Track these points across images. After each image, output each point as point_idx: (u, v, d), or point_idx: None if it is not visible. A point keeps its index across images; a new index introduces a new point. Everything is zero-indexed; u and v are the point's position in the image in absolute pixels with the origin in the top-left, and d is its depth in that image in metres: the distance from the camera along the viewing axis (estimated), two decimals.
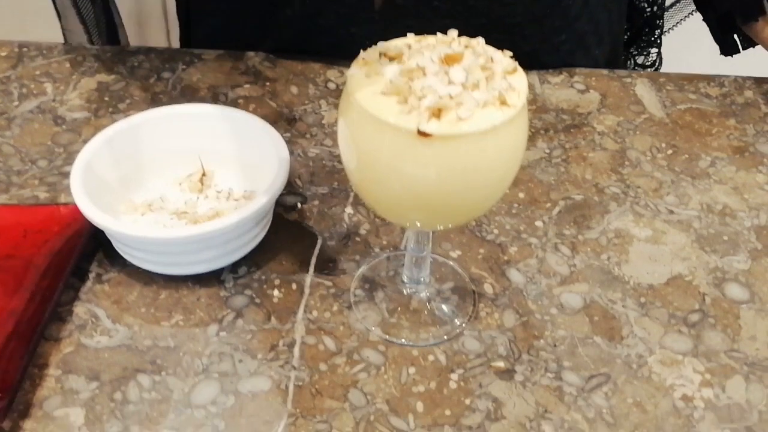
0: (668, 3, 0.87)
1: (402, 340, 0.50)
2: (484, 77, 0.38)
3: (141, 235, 0.48)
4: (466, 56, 0.39)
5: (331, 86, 0.70)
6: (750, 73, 0.75)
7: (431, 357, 0.49)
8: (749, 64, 0.78)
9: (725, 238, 0.58)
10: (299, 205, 0.58)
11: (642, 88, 0.72)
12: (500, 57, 0.40)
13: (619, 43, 0.83)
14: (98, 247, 0.54)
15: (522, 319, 0.51)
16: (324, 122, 0.66)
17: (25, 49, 0.72)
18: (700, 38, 0.82)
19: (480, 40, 0.41)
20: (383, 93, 0.38)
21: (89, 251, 0.54)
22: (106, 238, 0.53)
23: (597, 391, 0.47)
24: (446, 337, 0.50)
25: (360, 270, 0.54)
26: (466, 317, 0.51)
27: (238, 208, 0.50)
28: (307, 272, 0.54)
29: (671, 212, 0.60)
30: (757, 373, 0.49)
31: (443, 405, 0.46)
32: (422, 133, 0.37)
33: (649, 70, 0.86)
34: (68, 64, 0.71)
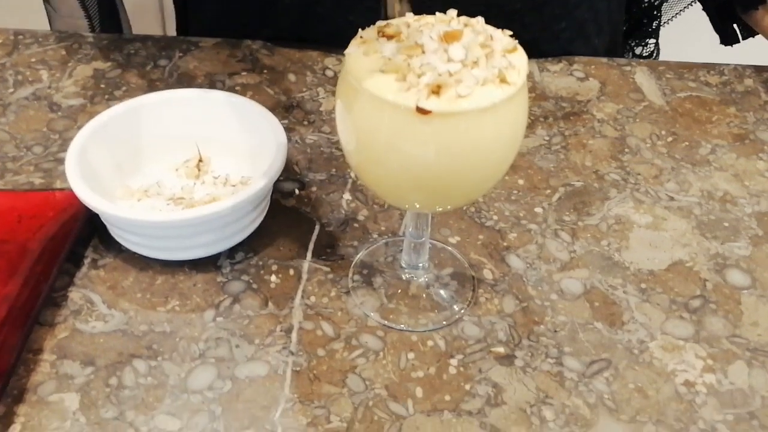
0: None
1: (401, 326, 0.49)
2: (484, 55, 0.38)
3: (136, 218, 0.48)
4: (466, 34, 0.38)
5: (329, 74, 0.70)
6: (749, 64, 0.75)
7: (430, 342, 0.48)
8: (748, 55, 0.78)
9: (726, 225, 0.57)
10: (297, 191, 0.58)
11: (641, 76, 0.72)
12: (500, 35, 0.40)
13: (619, 33, 0.83)
14: (93, 233, 0.53)
15: (522, 305, 0.51)
16: (322, 109, 0.66)
17: (21, 37, 0.72)
18: (698, 29, 0.82)
19: (479, 19, 0.40)
20: (382, 71, 0.38)
21: (84, 237, 0.53)
22: (102, 224, 0.53)
23: (598, 377, 0.47)
24: (445, 323, 0.49)
25: (358, 256, 0.53)
26: (466, 303, 0.51)
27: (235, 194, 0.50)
28: (305, 258, 0.53)
29: (671, 199, 0.59)
30: (760, 359, 0.48)
31: (443, 390, 0.46)
32: (421, 110, 0.36)
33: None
34: (64, 52, 0.70)
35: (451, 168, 0.39)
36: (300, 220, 0.56)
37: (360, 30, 0.41)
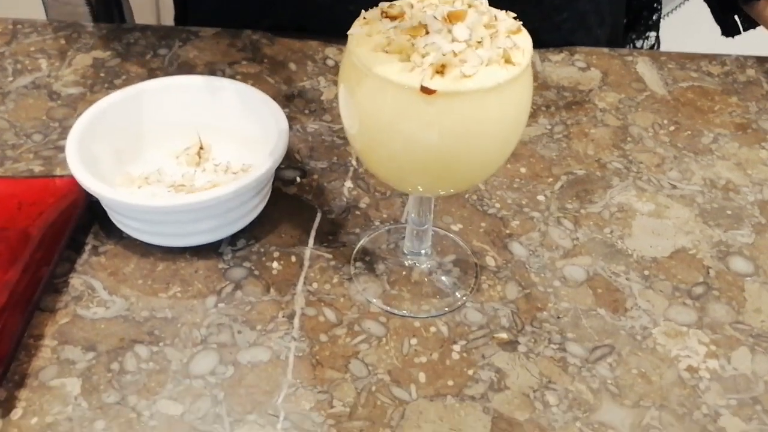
0: None
1: (403, 312, 0.49)
2: (488, 35, 0.37)
3: (138, 203, 0.47)
4: (470, 14, 0.38)
5: (330, 63, 0.69)
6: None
7: (433, 328, 0.48)
8: (749, 47, 0.77)
9: (729, 213, 0.57)
10: (298, 179, 0.58)
11: (643, 67, 0.72)
12: (504, 16, 0.40)
13: (620, 24, 0.83)
14: (94, 220, 0.53)
15: (525, 292, 0.51)
16: (323, 98, 0.65)
17: (20, 26, 0.72)
18: (698, 22, 0.82)
19: (483, 0, 0.40)
20: (386, 51, 0.38)
21: (85, 224, 0.53)
22: (102, 211, 0.52)
23: (601, 362, 0.47)
24: (447, 309, 0.49)
25: (360, 242, 0.53)
26: (468, 289, 0.51)
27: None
28: (307, 245, 0.53)
29: (674, 187, 0.59)
30: (763, 345, 0.48)
31: (446, 375, 0.46)
32: (425, 90, 0.36)
33: None
34: (63, 41, 0.70)
35: (455, 149, 0.39)
36: (301, 208, 0.56)
37: (363, 10, 0.40)
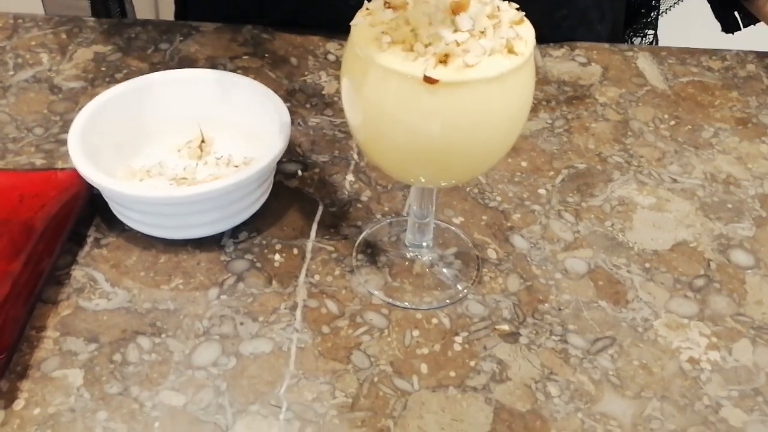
0: None
1: (405, 304, 0.49)
2: (491, 25, 0.37)
3: (140, 195, 0.47)
4: (473, 5, 0.38)
5: (331, 58, 0.69)
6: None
7: (435, 320, 0.48)
8: (747, 45, 0.77)
9: (729, 206, 0.57)
10: (300, 173, 0.58)
11: (644, 62, 0.72)
12: (506, 7, 0.40)
13: (620, 20, 0.83)
14: (96, 213, 0.53)
15: (526, 284, 0.51)
16: (324, 93, 0.65)
17: (20, 21, 0.72)
18: (696, 20, 0.82)
19: None
20: (389, 41, 0.38)
21: (87, 217, 0.53)
22: (104, 204, 0.52)
23: (603, 354, 0.47)
24: (449, 301, 0.49)
25: (362, 235, 0.53)
26: (470, 281, 0.51)
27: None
28: (309, 237, 0.53)
29: (675, 181, 0.59)
30: (764, 337, 0.48)
31: (448, 367, 0.46)
32: (429, 80, 0.36)
33: None
34: (64, 36, 0.70)
35: (458, 140, 0.39)
36: (303, 201, 0.56)
37: (366, 1, 0.40)
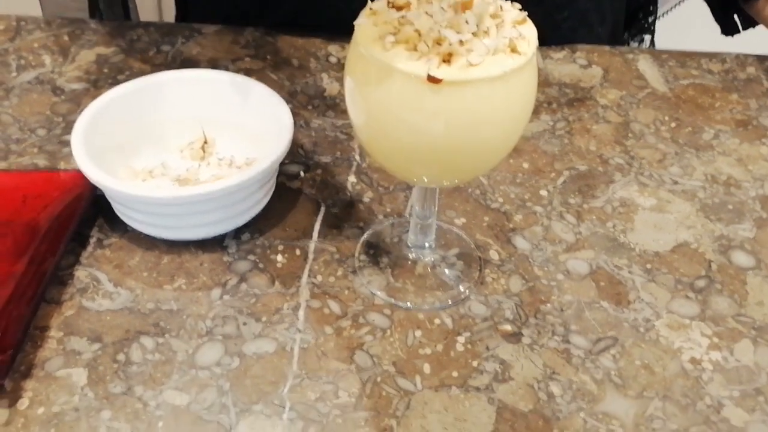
0: None
1: (407, 304, 0.49)
2: (495, 25, 0.38)
3: (144, 195, 0.48)
4: (476, 4, 0.38)
5: (333, 60, 0.70)
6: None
7: (437, 321, 0.48)
8: (746, 48, 0.78)
9: (730, 207, 0.58)
10: (302, 174, 0.58)
11: (644, 64, 0.72)
12: (509, 7, 0.40)
13: (620, 23, 0.83)
14: (99, 214, 0.53)
15: (528, 285, 0.51)
16: (326, 94, 0.66)
17: (23, 23, 0.72)
18: (692, 24, 0.82)
19: None
20: (392, 41, 0.38)
21: (90, 217, 0.53)
22: (107, 205, 0.52)
23: (605, 354, 0.47)
24: (451, 302, 0.49)
25: (364, 236, 0.53)
26: (472, 282, 0.51)
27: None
28: (311, 238, 0.53)
29: (676, 182, 0.59)
30: (765, 337, 0.49)
31: (450, 366, 0.46)
32: (432, 79, 0.36)
33: None
34: (67, 38, 0.70)
35: (461, 139, 0.39)
36: (305, 202, 0.56)
37: (370, 1, 0.41)
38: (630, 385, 0.45)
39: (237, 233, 0.53)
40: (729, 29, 0.79)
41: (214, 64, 0.68)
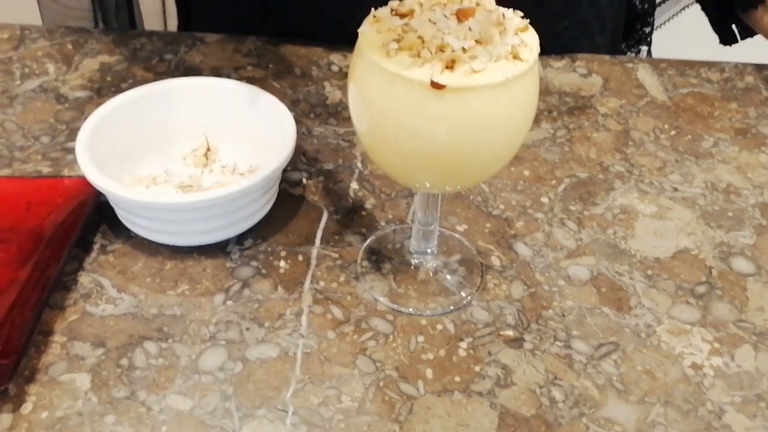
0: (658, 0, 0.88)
1: (410, 310, 0.49)
2: (497, 32, 0.38)
3: (148, 201, 0.48)
4: (478, 12, 0.39)
5: (335, 68, 0.70)
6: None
7: (440, 326, 0.49)
8: (744, 58, 0.78)
9: (730, 215, 0.58)
10: (304, 181, 0.58)
11: (644, 73, 0.73)
12: (511, 15, 0.40)
13: (619, 32, 0.84)
14: (102, 220, 0.54)
15: (530, 290, 0.51)
16: (328, 102, 0.66)
17: (27, 32, 0.72)
18: (690, 35, 0.82)
19: (491, 0, 0.41)
20: (396, 48, 0.38)
21: (93, 224, 0.53)
22: (111, 212, 0.53)
23: (606, 359, 0.47)
24: (453, 307, 0.50)
25: (366, 242, 0.53)
26: (474, 288, 0.51)
27: None
28: (313, 244, 0.53)
29: (676, 190, 0.60)
30: (766, 343, 0.49)
31: (453, 372, 0.46)
32: (435, 85, 0.37)
33: None
34: (70, 46, 0.71)
35: (463, 145, 0.39)
36: (308, 209, 0.56)
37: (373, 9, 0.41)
38: (632, 391, 0.46)
39: (240, 239, 0.53)
40: (727, 39, 0.79)
41: (217, 73, 0.69)
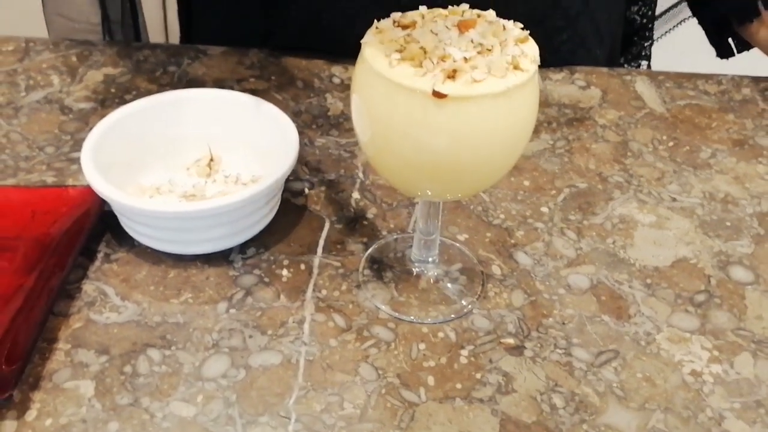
0: (657, 12, 0.89)
1: (411, 318, 0.50)
2: (498, 42, 0.39)
3: (152, 209, 0.48)
4: (480, 23, 0.39)
5: (336, 81, 0.71)
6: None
7: (441, 334, 0.49)
8: (742, 72, 0.79)
9: (728, 224, 0.58)
10: (307, 190, 0.59)
11: (642, 85, 0.73)
12: (511, 26, 0.41)
13: (618, 45, 0.85)
14: (106, 229, 0.54)
15: (530, 299, 0.52)
16: (330, 114, 0.67)
17: (32, 44, 0.73)
18: (688, 48, 0.83)
19: (491, 12, 0.42)
20: (398, 58, 0.39)
21: (97, 232, 0.54)
22: (114, 221, 0.53)
23: (607, 366, 0.48)
24: (454, 316, 0.50)
25: (368, 251, 0.54)
26: (475, 297, 0.51)
27: None
28: (316, 253, 0.54)
29: (674, 200, 0.60)
30: (765, 351, 0.49)
31: (454, 379, 0.46)
32: (437, 94, 0.37)
33: None
34: (75, 58, 0.71)
35: (464, 155, 0.40)
36: (310, 218, 0.57)
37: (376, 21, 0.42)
38: (632, 398, 0.46)
39: (243, 248, 0.54)
40: (724, 52, 0.80)
41: (220, 85, 0.69)
